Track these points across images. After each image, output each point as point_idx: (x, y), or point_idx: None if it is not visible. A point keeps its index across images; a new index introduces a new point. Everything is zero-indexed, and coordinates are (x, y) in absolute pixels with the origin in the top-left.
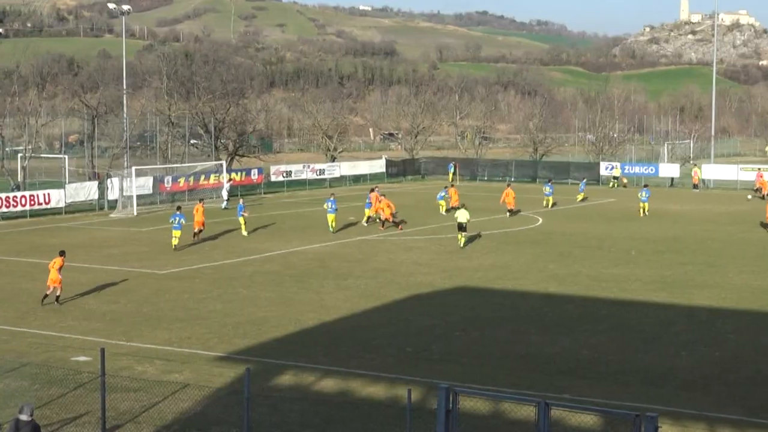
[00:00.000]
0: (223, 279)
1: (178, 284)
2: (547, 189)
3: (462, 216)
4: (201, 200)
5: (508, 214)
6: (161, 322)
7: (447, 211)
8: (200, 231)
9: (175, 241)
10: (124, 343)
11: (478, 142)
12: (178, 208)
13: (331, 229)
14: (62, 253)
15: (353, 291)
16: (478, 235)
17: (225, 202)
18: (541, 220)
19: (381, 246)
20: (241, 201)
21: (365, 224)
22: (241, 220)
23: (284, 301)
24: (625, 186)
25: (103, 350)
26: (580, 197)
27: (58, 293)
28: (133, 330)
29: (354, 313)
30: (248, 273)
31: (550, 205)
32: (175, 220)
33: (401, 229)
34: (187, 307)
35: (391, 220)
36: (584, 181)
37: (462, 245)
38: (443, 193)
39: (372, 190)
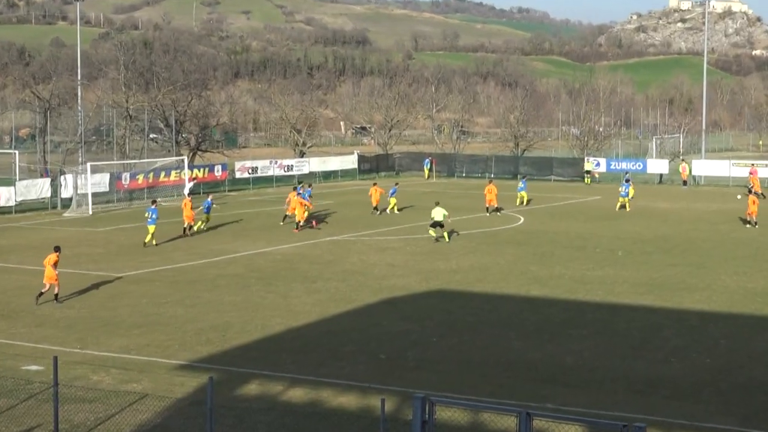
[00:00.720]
0: (184, 282)
1: (137, 288)
2: (520, 184)
3: (437, 214)
4: (296, 187)
5: (488, 212)
6: (118, 329)
7: (377, 210)
8: (190, 227)
9: (147, 238)
10: (79, 351)
11: (455, 136)
12: (153, 202)
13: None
14: (57, 249)
15: (323, 294)
16: (455, 233)
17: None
18: (522, 219)
19: (352, 247)
20: (209, 198)
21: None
22: (206, 217)
23: (250, 306)
24: (596, 180)
25: (56, 358)
26: (520, 199)
27: (56, 291)
28: (88, 337)
29: (324, 318)
30: (211, 276)
31: (525, 202)
32: (148, 214)
33: (317, 227)
34: (145, 313)
35: (303, 220)
36: (524, 179)
37: (446, 239)
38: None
39: (295, 188)
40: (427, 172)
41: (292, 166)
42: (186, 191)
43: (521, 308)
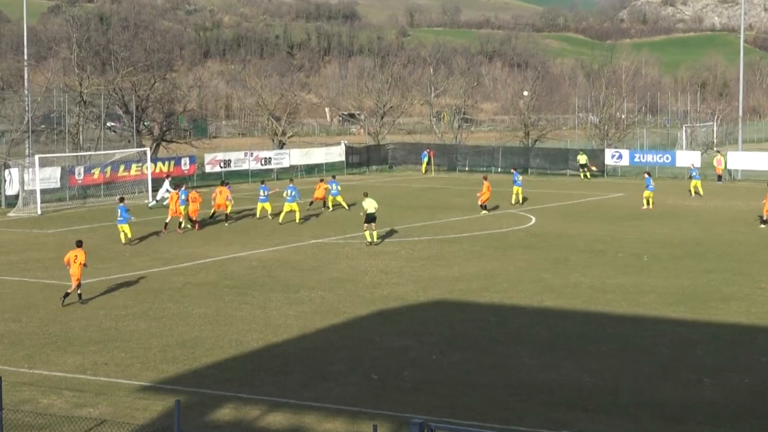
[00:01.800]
0: (147, 291)
1: (92, 298)
2: (518, 178)
3: (370, 205)
4: (223, 182)
5: (486, 210)
6: (71, 345)
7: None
8: (213, 213)
9: (123, 237)
10: (26, 371)
11: (457, 124)
12: (121, 199)
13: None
14: (80, 244)
15: (306, 306)
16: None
17: (154, 201)
18: (533, 220)
19: (340, 251)
20: (183, 187)
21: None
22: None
23: (222, 319)
24: (593, 174)
25: None
26: (516, 196)
27: (78, 291)
28: (37, 354)
29: (307, 332)
30: (178, 284)
31: (520, 200)
32: (118, 212)
33: (197, 228)
34: (103, 327)
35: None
36: (517, 172)
37: (374, 240)
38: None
39: (223, 183)
40: (424, 165)
41: (270, 158)
42: (164, 192)
43: (533, 321)
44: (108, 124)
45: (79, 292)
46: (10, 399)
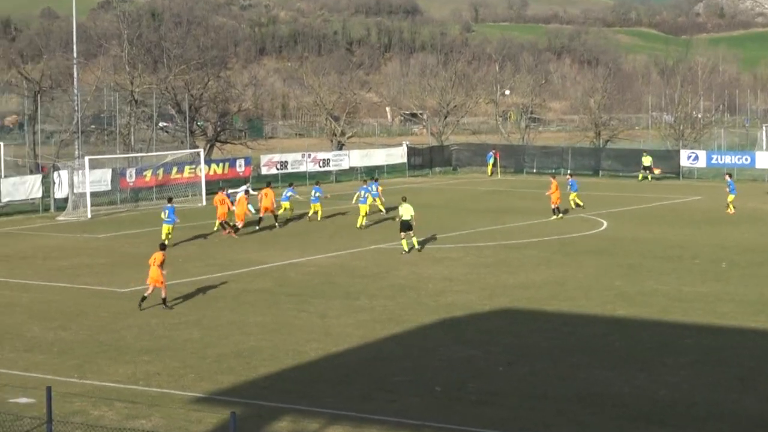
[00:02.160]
0: (202, 299)
1: (145, 306)
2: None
3: (406, 212)
4: (269, 183)
5: (556, 215)
6: (123, 354)
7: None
8: (260, 219)
9: (166, 238)
10: (77, 381)
11: (524, 124)
12: (169, 200)
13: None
14: (162, 247)
15: (367, 314)
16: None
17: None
18: (605, 224)
19: (402, 257)
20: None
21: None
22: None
23: (280, 328)
24: (655, 177)
25: (49, 389)
26: (573, 201)
27: (163, 294)
28: (87, 364)
29: (368, 342)
30: (234, 291)
31: (579, 203)
32: (165, 213)
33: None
34: (156, 335)
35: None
36: (573, 180)
37: (414, 247)
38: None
39: (269, 185)
40: (490, 167)
41: (328, 160)
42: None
43: (605, 331)
44: (160, 124)
45: (163, 296)
46: (59, 410)
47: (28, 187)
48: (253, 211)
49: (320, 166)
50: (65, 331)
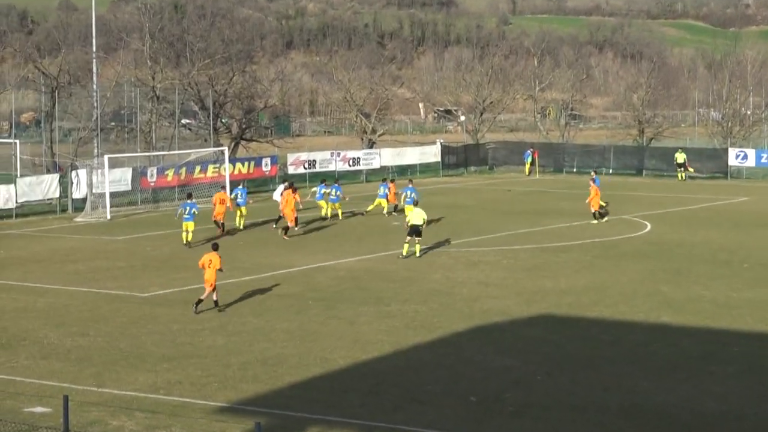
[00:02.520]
0: (225, 304)
1: (166, 311)
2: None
3: (417, 217)
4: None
5: (597, 218)
6: (143, 362)
7: (390, 213)
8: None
9: (188, 236)
10: (95, 390)
11: (564, 121)
12: (189, 195)
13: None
14: (216, 247)
15: (399, 320)
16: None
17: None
18: (649, 226)
19: (435, 261)
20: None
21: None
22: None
23: (307, 334)
24: (690, 176)
25: (66, 398)
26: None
27: (215, 297)
28: (106, 372)
29: (400, 349)
30: (260, 296)
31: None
32: (185, 210)
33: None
34: (177, 342)
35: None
36: (597, 177)
37: (416, 253)
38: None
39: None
40: (528, 166)
41: (358, 159)
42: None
43: (649, 339)
44: (183, 121)
45: (215, 298)
46: (77, 420)
47: (45, 187)
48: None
49: (350, 165)
50: (83, 337)
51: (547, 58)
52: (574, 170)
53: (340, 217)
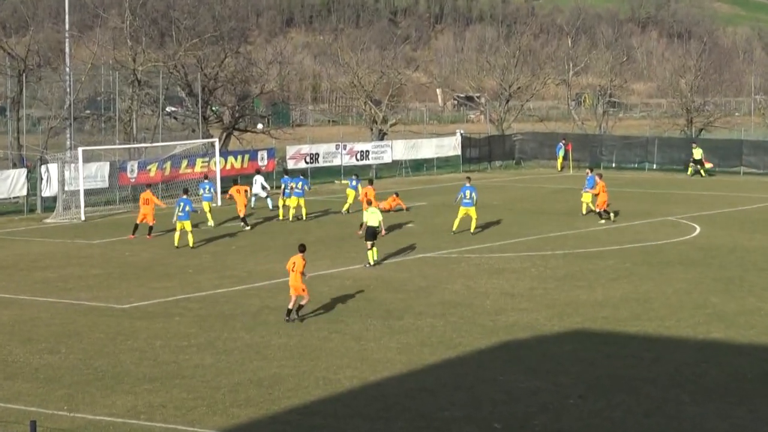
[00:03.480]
0: (215, 317)
1: (148, 325)
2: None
3: (372, 217)
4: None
5: (604, 217)
6: (121, 383)
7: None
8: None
9: (177, 239)
10: (66, 414)
11: (601, 109)
12: (185, 191)
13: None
14: (302, 249)
15: (412, 336)
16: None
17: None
18: (698, 229)
19: (454, 268)
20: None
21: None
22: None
23: (308, 352)
24: (708, 171)
25: (33, 424)
26: (586, 204)
27: (302, 302)
28: (79, 394)
29: (413, 369)
30: (253, 308)
31: (592, 207)
32: (179, 207)
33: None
34: (160, 361)
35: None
36: (591, 176)
37: (371, 260)
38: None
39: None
40: (560, 160)
41: (367, 152)
42: (260, 191)
43: (697, 357)
44: (168, 109)
45: (290, 306)
46: None
47: (11, 183)
48: (271, 206)
49: (357, 159)
50: (53, 354)
51: (583, 37)
52: (613, 165)
53: (304, 218)
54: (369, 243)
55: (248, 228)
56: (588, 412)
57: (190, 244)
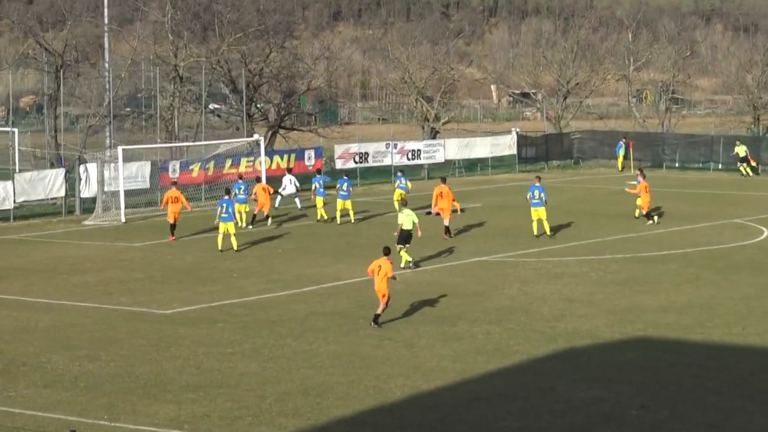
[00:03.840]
0: (260, 323)
1: (191, 331)
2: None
3: (406, 220)
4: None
5: (649, 219)
6: (164, 392)
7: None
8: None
9: (221, 241)
10: (107, 424)
11: (664, 106)
12: (227, 191)
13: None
14: (387, 252)
15: (467, 344)
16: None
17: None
18: (766, 232)
19: (510, 272)
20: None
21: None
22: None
23: (357, 360)
24: (754, 169)
25: None
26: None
27: (378, 310)
28: (120, 403)
29: (468, 378)
30: (301, 314)
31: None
32: (222, 208)
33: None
34: (204, 368)
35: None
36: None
37: (406, 262)
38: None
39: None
40: (620, 160)
41: (418, 151)
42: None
43: (766, 366)
44: (211, 106)
45: (378, 311)
46: None
47: (48, 184)
48: (299, 206)
49: (408, 159)
50: (93, 362)
51: (644, 31)
52: (676, 165)
53: (352, 220)
54: (399, 246)
55: (270, 225)
56: (650, 423)
57: (234, 247)
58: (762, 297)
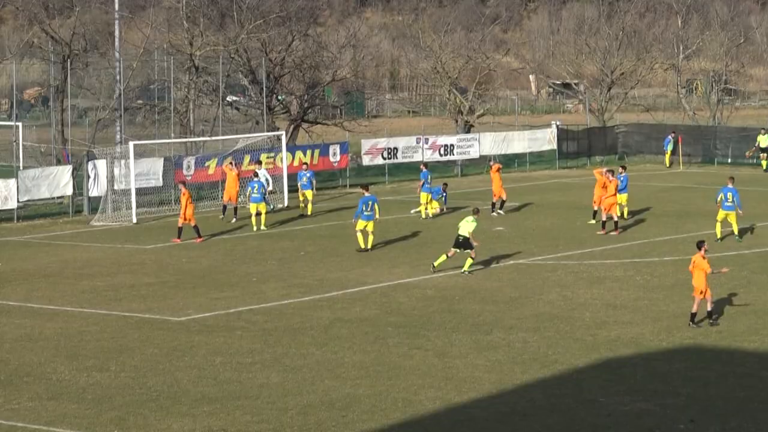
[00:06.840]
0: (281, 331)
1: (207, 340)
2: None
3: (465, 228)
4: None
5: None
6: (177, 404)
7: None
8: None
9: (254, 222)
10: None
11: (716, 98)
12: (255, 174)
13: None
14: (700, 246)
15: (502, 353)
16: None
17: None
18: None
19: (549, 276)
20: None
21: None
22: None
23: (385, 370)
24: None
25: None
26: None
27: (708, 307)
28: (130, 416)
29: (504, 389)
30: (324, 321)
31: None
32: (252, 188)
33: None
34: (221, 379)
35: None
36: (625, 175)
37: (466, 268)
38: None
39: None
40: (668, 155)
41: (452, 146)
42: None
43: None
44: (228, 98)
45: (709, 308)
46: None
47: (54, 181)
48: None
49: (441, 155)
50: (102, 372)
51: (694, 16)
52: (729, 160)
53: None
54: (452, 250)
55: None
56: None
57: (262, 225)
58: None
